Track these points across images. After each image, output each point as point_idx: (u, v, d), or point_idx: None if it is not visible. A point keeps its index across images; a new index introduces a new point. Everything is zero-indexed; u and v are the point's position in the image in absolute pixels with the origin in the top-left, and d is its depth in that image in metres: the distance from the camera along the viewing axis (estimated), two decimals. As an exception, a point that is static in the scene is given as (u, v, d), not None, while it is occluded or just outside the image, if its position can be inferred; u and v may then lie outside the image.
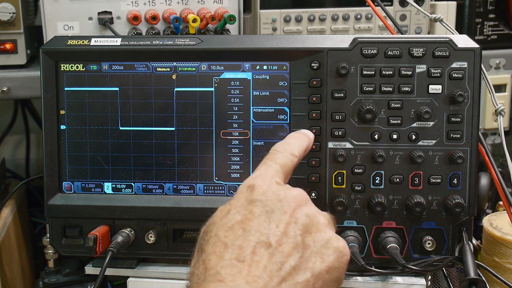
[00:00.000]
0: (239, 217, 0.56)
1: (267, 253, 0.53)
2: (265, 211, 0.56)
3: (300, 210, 0.58)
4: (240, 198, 0.59)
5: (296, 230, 0.56)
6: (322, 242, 0.57)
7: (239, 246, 0.54)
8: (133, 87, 0.86)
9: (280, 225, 0.55)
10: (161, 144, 0.87)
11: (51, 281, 1.02)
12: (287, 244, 0.54)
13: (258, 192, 0.58)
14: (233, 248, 0.53)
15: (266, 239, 0.54)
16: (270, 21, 1.08)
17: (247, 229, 0.55)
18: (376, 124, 0.83)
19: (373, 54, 0.82)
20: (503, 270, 0.89)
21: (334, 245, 0.57)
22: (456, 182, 0.83)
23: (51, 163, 0.87)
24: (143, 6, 1.01)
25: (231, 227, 0.55)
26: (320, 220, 0.58)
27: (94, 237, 0.82)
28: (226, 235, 0.55)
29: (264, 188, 0.59)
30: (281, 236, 0.55)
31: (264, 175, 0.62)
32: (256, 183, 0.60)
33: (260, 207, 0.57)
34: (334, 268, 0.56)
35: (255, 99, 0.85)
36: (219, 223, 0.57)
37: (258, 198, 0.58)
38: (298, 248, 0.55)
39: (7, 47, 1.03)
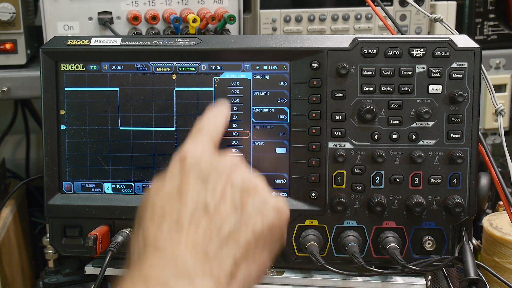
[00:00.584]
0: (175, 186, 0.56)
1: (205, 218, 0.53)
2: (201, 177, 0.56)
3: (236, 173, 0.57)
4: (174, 170, 0.58)
5: (233, 192, 0.55)
6: (261, 202, 0.56)
7: (177, 214, 0.53)
8: (133, 87, 0.86)
9: (216, 188, 0.55)
10: (161, 144, 0.87)
11: (51, 281, 1.02)
12: (225, 206, 0.54)
13: (191, 160, 0.58)
14: (170, 218, 0.53)
15: (204, 204, 0.54)
16: (270, 21, 1.08)
17: (183, 197, 0.54)
18: (376, 124, 0.83)
19: (373, 54, 0.82)
20: (503, 270, 0.89)
21: (273, 204, 0.57)
22: (456, 182, 0.83)
23: (51, 163, 0.87)
24: (143, 6, 1.01)
25: (168, 196, 0.55)
26: (256, 181, 0.58)
27: (94, 237, 0.82)
28: (163, 206, 0.54)
29: (197, 155, 0.58)
30: (218, 200, 0.54)
31: (194, 143, 0.61)
32: (187, 151, 0.59)
33: (195, 173, 0.56)
34: (275, 226, 0.56)
35: (255, 99, 0.85)
36: (155, 195, 0.56)
37: (192, 165, 0.57)
38: (237, 209, 0.54)
39: (7, 47, 1.03)
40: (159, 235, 0.52)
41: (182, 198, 0.54)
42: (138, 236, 0.55)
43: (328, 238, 0.85)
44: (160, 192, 0.56)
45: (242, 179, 0.57)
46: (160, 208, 0.54)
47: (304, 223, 0.85)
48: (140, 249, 0.53)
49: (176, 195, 0.55)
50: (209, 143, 0.62)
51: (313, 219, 0.85)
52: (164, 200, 0.55)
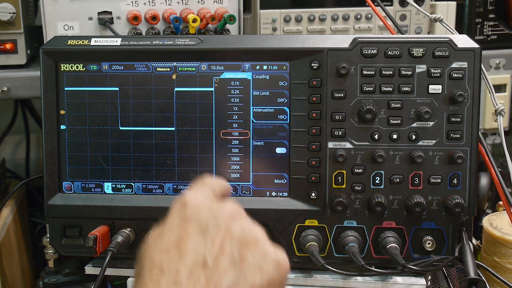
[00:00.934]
0: (174, 238, 0.55)
1: (204, 274, 0.52)
2: (200, 228, 0.55)
3: (235, 224, 0.56)
4: (174, 218, 0.57)
5: (232, 245, 0.54)
6: (261, 255, 0.55)
7: (176, 270, 0.52)
8: (133, 87, 0.86)
9: (215, 241, 0.54)
10: (161, 144, 0.87)
11: (51, 281, 1.02)
12: (224, 261, 0.53)
13: (191, 208, 0.57)
14: (169, 273, 0.52)
15: (203, 259, 0.53)
16: (270, 21, 1.08)
17: (182, 250, 0.53)
18: (376, 124, 0.83)
19: (373, 54, 0.82)
20: (503, 270, 0.89)
21: (273, 258, 0.55)
22: (456, 182, 0.83)
23: (51, 163, 0.87)
24: (143, 6, 1.01)
25: (167, 250, 0.54)
26: (256, 233, 0.57)
27: (94, 237, 0.82)
28: (162, 259, 0.53)
29: (198, 204, 0.57)
30: (217, 253, 0.53)
31: (195, 192, 0.60)
32: (188, 199, 0.58)
33: (194, 224, 0.55)
34: (275, 280, 0.55)
35: (255, 99, 0.85)
36: (154, 247, 0.55)
37: (192, 215, 0.56)
38: (236, 263, 0.53)
39: (7, 47, 1.03)
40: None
41: (181, 253, 0.53)
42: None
43: (328, 238, 0.85)
44: (159, 243, 0.55)
45: (242, 230, 0.56)
46: (158, 262, 0.53)
47: (304, 223, 0.85)
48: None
49: (175, 249, 0.54)
50: (210, 192, 0.61)
51: (313, 219, 0.85)
52: (162, 253, 0.54)
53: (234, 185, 0.87)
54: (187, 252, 0.53)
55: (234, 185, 0.87)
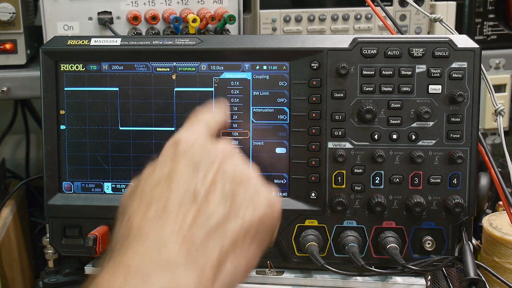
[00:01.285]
0: (166, 171, 0.54)
1: (194, 206, 0.51)
2: (192, 162, 0.54)
3: (229, 161, 0.55)
4: (166, 154, 0.56)
5: (225, 179, 0.54)
6: (253, 192, 0.54)
7: (166, 199, 0.51)
8: (133, 87, 0.86)
9: (208, 174, 0.53)
10: (161, 144, 0.86)
11: (51, 281, 1.02)
12: (215, 193, 0.52)
13: (184, 144, 0.56)
14: (158, 203, 0.51)
15: (193, 192, 0.52)
16: (270, 21, 1.08)
17: (174, 181, 0.53)
18: (376, 124, 0.83)
19: (373, 54, 0.82)
20: (503, 270, 0.89)
21: (266, 196, 0.55)
22: (456, 182, 0.83)
23: (51, 163, 0.87)
24: (143, 6, 1.01)
25: (157, 182, 0.53)
26: (250, 172, 0.56)
27: (94, 237, 0.82)
28: (152, 191, 0.53)
29: (191, 141, 0.56)
30: (209, 186, 0.52)
31: (189, 129, 0.60)
32: (181, 137, 0.57)
33: (187, 159, 0.54)
34: (266, 219, 0.54)
35: (255, 99, 0.85)
36: (145, 180, 0.55)
37: (185, 150, 0.55)
38: (227, 199, 0.52)
39: (7, 47, 1.03)
40: (144, 221, 0.50)
41: (172, 185, 0.52)
42: (123, 222, 0.53)
43: (328, 238, 0.85)
44: (150, 177, 0.55)
45: (235, 168, 0.55)
46: (148, 194, 0.53)
47: (304, 223, 0.85)
48: (123, 235, 0.51)
49: (166, 181, 0.53)
50: (204, 131, 0.60)
51: (313, 219, 0.85)
52: (153, 185, 0.53)
53: (234, 185, 0.87)
54: (178, 183, 0.52)
55: (234, 185, 0.87)
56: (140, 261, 0.47)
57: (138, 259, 0.47)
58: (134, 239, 0.49)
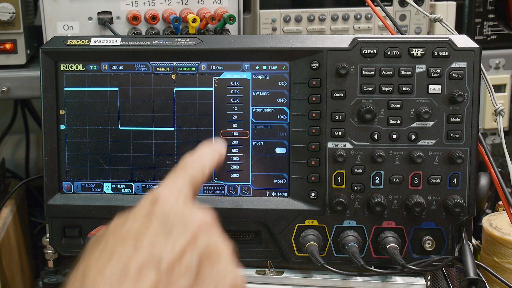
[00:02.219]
0: (134, 230, 0.50)
1: (154, 274, 0.47)
2: (165, 228, 0.51)
3: (202, 234, 0.52)
4: (140, 211, 0.53)
5: (193, 253, 0.50)
6: (219, 271, 0.51)
7: (125, 262, 0.48)
8: (133, 87, 0.86)
9: (176, 245, 0.50)
10: (161, 144, 0.87)
11: (51, 281, 1.02)
12: (179, 267, 0.49)
13: (162, 205, 0.53)
14: (118, 263, 0.48)
15: (157, 259, 0.48)
16: (269, 21, 1.08)
17: (139, 243, 0.49)
18: (376, 124, 0.83)
19: (373, 54, 0.82)
20: (502, 270, 0.89)
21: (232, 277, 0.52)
22: (456, 182, 0.83)
23: (51, 163, 0.87)
24: (143, 6, 1.01)
25: (124, 238, 0.50)
26: (222, 249, 0.53)
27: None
28: (115, 247, 0.49)
29: (170, 202, 0.53)
30: (174, 258, 0.49)
31: (171, 186, 0.56)
32: (161, 195, 0.54)
33: (160, 222, 0.51)
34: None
35: (255, 99, 0.85)
36: (113, 232, 0.51)
37: (161, 212, 0.52)
38: (191, 274, 0.49)
39: (7, 47, 1.03)
40: (99, 278, 0.47)
41: (137, 246, 0.49)
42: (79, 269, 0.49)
43: (327, 238, 0.85)
44: (119, 230, 0.51)
45: (208, 242, 0.52)
46: (111, 248, 0.49)
47: (304, 223, 0.85)
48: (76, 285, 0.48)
49: (132, 240, 0.50)
50: (187, 187, 0.57)
51: (312, 219, 0.85)
52: (118, 239, 0.50)
53: (234, 185, 0.87)
54: (143, 246, 0.49)
55: (233, 185, 0.87)
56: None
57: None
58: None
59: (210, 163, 0.63)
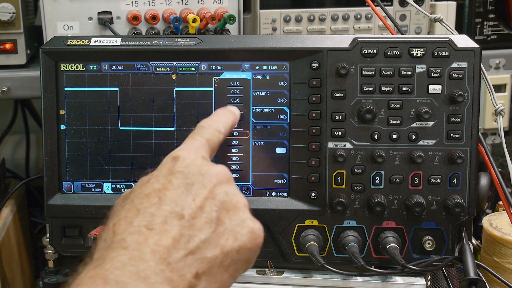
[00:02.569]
0: (158, 186, 0.56)
1: (178, 224, 0.52)
2: (185, 183, 0.56)
3: (221, 187, 0.57)
4: (163, 169, 0.58)
5: (212, 205, 0.55)
6: (238, 221, 0.56)
7: (151, 213, 0.53)
8: (133, 87, 0.86)
9: (197, 198, 0.55)
10: (161, 144, 0.87)
11: (51, 281, 1.02)
12: (200, 218, 0.54)
13: (182, 164, 0.58)
14: (144, 215, 0.53)
15: (180, 211, 0.53)
16: (270, 21, 1.08)
17: (163, 198, 0.54)
18: (376, 124, 0.83)
19: (373, 54, 0.82)
20: (503, 270, 0.89)
21: (250, 226, 0.56)
22: (456, 182, 0.83)
23: (51, 163, 0.87)
24: (143, 6, 1.01)
25: (148, 195, 0.55)
26: (239, 200, 0.57)
27: (93, 237, 0.82)
28: (141, 202, 0.54)
29: (188, 161, 0.58)
30: (195, 210, 0.54)
31: (189, 147, 0.61)
32: (180, 155, 0.59)
33: (181, 178, 0.56)
34: (246, 248, 0.55)
35: (255, 99, 0.85)
36: (137, 191, 0.56)
37: (180, 169, 0.57)
38: (211, 223, 0.54)
39: (7, 47, 1.03)
40: (127, 232, 0.52)
41: (161, 200, 0.54)
42: (109, 226, 0.54)
43: (328, 238, 0.85)
44: (143, 188, 0.56)
45: (226, 194, 0.56)
46: (137, 204, 0.54)
47: (304, 223, 0.85)
48: (107, 240, 0.53)
49: (156, 194, 0.55)
50: (204, 148, 0.62)
51: (313, 219, 0.85)
52: (143, 196, 0.55)
53: (234, 185, 0.87)
54: (166, 200, 0.54)
55: (234, 185, 0.87)
56: (118, 275, 0.48)
57: (117, 273, 0.48)
58: (115, 250, 0.51)
59: (225, 126, 0.69)
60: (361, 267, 0.80)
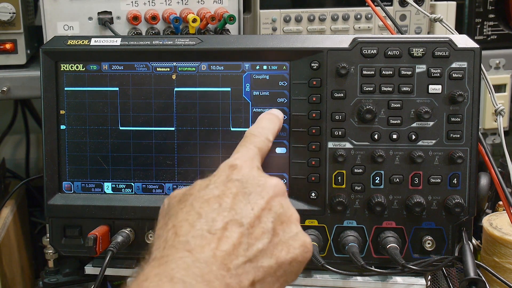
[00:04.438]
0: (217, 192, 0.57)
1: (238, 231, 0.54)
2: (244, 192, 0.57)
3: (277, 199, 0.59)
4: (221, 175, 0.60)
5: (269, 216, 0.57)
6: (291, 234, 0.58)
7: (213, 218, 0.54)
8: (133, 87, 0.86)
9: (255, 208, 0.56)
10: (161, 144, 0.87)
11: (51, 281, 1.02)
12: (258, 227, 0.56)
13: (240, 173, 0.59)
14: (206, 219, 0.54)
15: (240, 218, 0.55)
16: (270, 21, 1.08)
17: (223, 204, 0.56)
18: (376, 124, 0.83)
19: (373, 54, 0.82)
20: (503, 270, 0.89)
21: (302, 239, 0.58)
22: (456, 182, 0.83)
23: (51, 163, 0.87)
24: (143, 6, 1.01)
25: (208, 200, 0.56)
26: (293, 213, 0.60)
27: (94, 237, 0.82)
28: (202, 207, 0.56)
29: (246, 171, 0.60)
30: (254, 219, 0.56)
31: (245, 156, 0.63)
32: (238, 164, 0.61)
33: (239, 187, 0.58)
34: (297, 260, 0.58)
35: (255, 99, 0.85)
36: (197, 194, 0.58)
37: (239, 178, 0.59)
38: (268, 234, 0.56)
39: (7, 47, 1.03)
40: (190, 235, 0.53)
41: (221, 206, 0.56)
42: (168, 225, 0.56)
43: (328, 238, 0.85)
44: (202, 192, 0.58)
45: (281, 207, 0.58)
46: (198, 208, 0.56)
47: (304, 223, 0.85)
48: (168, 240, 0.54)
49: (217, 200, 0.56)
50: (257, 158, 0.64)
51: (313, 219, 0.85)
52: (203, 201, 0.56)
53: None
54: (227, 207, 0.56)
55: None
56: (184, 275, 0.50)
57: (183, 273, 0.50)
58: (179, 250, 0.52)
59: (273, 133, 0.72)
60: (361, 267, 0.80)
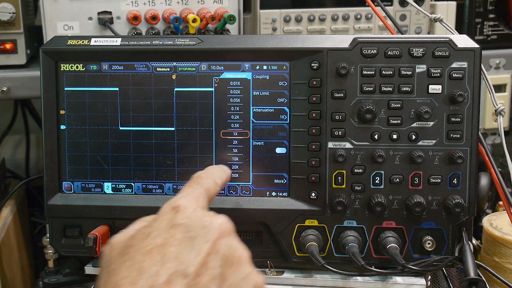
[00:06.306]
0: (160, 240, 0.54)
1: (183, 283, 0.51)
2: (188, 236, 0.54)
3: (223, 241, 0.56)
4: (163, 220, 0.56)
5: (216, 260, 0.54)
6: (242, 276, 0.55)
7: (156, 272, 0.51)
8: (133, 87, 0.86)
9: (200, 254, 0.53)
10: (161, 144, 0.87)
11: (51, 281, 1.02)
12: (205, 275, 0.53)
13: (183, 215, 0.56)
14: (149, 274, 0.51)
15: (184, 268, 0.52)
16: (270, 21, 1.08)
17: (167, 254, 0.53)
18: (376, 124, 0.83)
19: (373, 54, 0.82)
20: (503, 270, 0.89)
21: (254, 280, 0.55)
22: (456, 182, 0.83)
23: (51, 163, 0.87)
24: (143, 6, 1.01)
25: (150, 251, 0.53)
26: (241, 253, 0.56)
27: (94, 237, 0.82)
28: (144, 259, 0.52)
29: (190, 212, 0.57)
30: (199, 267, 0.53)
31: (190, 196, 0.60)
32: (181, 204, 0.57)
33: (183, 232, 0.55)
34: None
35: (255, 99, 0.85)
36: (138, 245, 0.54)
37: (183, 222, 0.55)
38: (216, 280, 0.53)
39: (7, 47, 1.03)
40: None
41: (164, 257, 0.52)
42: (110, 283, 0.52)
43: (328, 238, 0.85)
44: (143, 242, 0.54)
45: (229, 248, 0.55)
46: (139, 262, 0.52)
47: (304, 223, 0.85)
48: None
49: (160, 250, 0.53)
50: (204, 198, 0.61)
51: (313, 219, 0.85)
52: (145, 253, 0.53)
53: (234, 185, 0.87)
54: (170, 257, 0.52)
55: (234, 185, 0.87)
56: None
57: None
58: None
59: (222, 179, 0.70)
60: (361, 267, 0.80)
